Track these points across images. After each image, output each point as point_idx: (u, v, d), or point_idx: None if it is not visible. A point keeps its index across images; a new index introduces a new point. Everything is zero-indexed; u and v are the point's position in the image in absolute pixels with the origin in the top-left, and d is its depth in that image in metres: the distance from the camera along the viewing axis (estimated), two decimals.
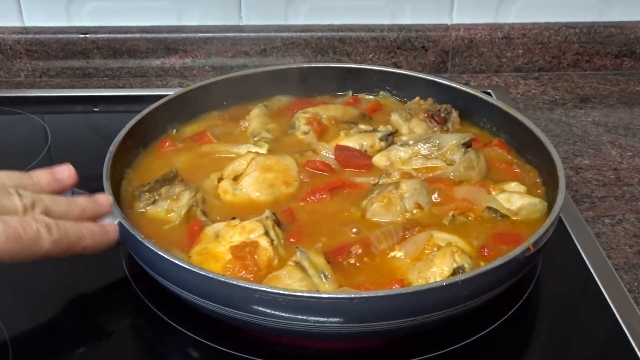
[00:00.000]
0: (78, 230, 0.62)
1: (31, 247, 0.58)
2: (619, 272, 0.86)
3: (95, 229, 0.65)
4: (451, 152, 0.92)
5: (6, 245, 0.56)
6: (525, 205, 0.84)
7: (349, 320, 0.66)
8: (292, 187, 0.88)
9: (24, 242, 0.57)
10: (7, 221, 0.56)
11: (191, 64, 1.36)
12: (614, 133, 1.19)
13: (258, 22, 1.36)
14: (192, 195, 0.83)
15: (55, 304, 0.80)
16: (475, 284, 0.68)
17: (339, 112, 1.04)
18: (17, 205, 0.59)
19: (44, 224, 0.59)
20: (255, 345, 0.74)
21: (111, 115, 1.26)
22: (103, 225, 0.66)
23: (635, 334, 0.76)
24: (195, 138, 1.00)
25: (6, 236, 0.56)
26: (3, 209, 0.58)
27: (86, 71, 1.36)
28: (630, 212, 0.99)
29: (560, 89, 1.35)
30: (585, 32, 1.38)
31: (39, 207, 0.61)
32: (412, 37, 1.36)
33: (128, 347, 0.77)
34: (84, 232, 0.63)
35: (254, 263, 0.74)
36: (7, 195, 0.59)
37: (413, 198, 0.84)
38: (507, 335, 0.77)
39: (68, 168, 0.69)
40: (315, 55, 1.36)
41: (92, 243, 0.64)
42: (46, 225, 0.59)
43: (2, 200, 0.59)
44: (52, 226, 0.59)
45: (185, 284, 0.70)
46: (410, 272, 0.74)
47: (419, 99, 1.07)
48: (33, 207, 0.60)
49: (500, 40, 1.38)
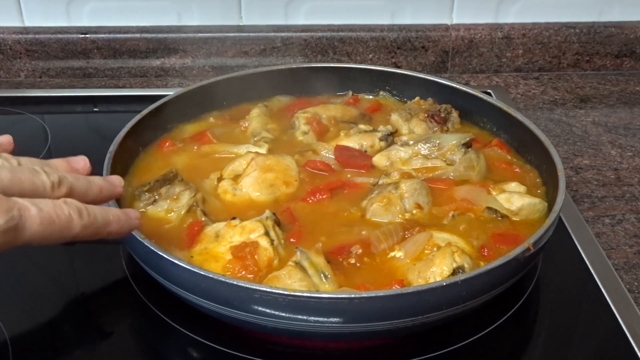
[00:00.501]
0: (106, 216, 0.63)
1: (62, 231, 0.59)
2: (619, 272, 0.86)
3: (121, 215, 0.66)
4: (451, 152, 0.92)
5: (40, 229, 0.57)
6: (525, 206, 0.84)
7: (349, 320, 0.66)
8: (292, 187, 0.88)
9: (56, 226, 0.58)
10: (41, 206, 0.57)
11: (191, 64, 1.36)
12: (614, 133, 1.19)
13: (258, 22, 1.36)
14: (192, 195, 0.83)
15: (55, 304, 0.80)
16: (475, 284, 0.68)
17: (339, 112, 1.04)
18: (46, 183, 0.61)
19: (75, 209, 0.60)
20: (255, 345, 0.74)
21: (111, 115, 1.26)
22: (126, 211, 0.67)
23: (635, 334, 0.76)
24: (195, 138, 1.00)
25: (40, 220, 0.57)
26: (34, 187, 0.60)
27: (86, 71, 1.36)
28: (630, 212, 0.99)
29: (560, 89, 1.35)
30: (585, 32, 1.38)
31: (65, 185, 0.62)
32: (412, 37, 1.36)
33: (128, 347, 0.77)
34: (111, 217, 0.64)
35: (254, 263, 0.74)
36: (35, 173, 0.60)
37: (413, 198, 0.84)
38: (507, 335, 0.77)
39: (84, 159, 0.70)
40: (315, 55, 1.36)
41: (117, 229, 0.65)
42: (77, 210, 0.60)
43: (32, 179, 0.60)
44: (83, 211, 0.60)
45: (185, 284, 0.70)
46: (410, 272, 0.74)
47: (419, 99, 1.07)
48: (60, 184, 0.62)
49: (500, 40, 1.38)
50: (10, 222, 0.54)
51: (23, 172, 0.60)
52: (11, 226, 0.55)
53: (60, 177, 0.62)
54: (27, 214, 0.56)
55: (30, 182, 0.60)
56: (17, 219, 0.55)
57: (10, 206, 0.55)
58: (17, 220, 0.55)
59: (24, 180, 0.59)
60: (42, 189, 0.60)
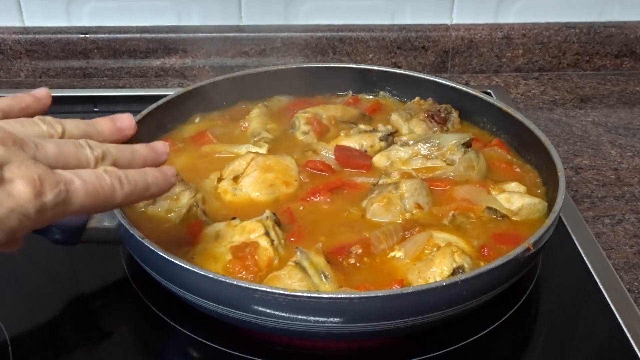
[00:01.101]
0: (145, 180, 0.63)
1: (106, 201, 0.59)
2: (619, 272, 0.86)
3: (159, 175, 0.65)
4: (451, 152, 0.92)
5: (85, 201, 0.57)
6: (525, 205, 0.84)
7: (349, 320, 0.66)
8: (292, 187, 0.88)
9: (100, 198, 0.58)
10: (85, 178, 0.57)
11: (191, 64, 1.36)
12: (614, 133, 1.19)
13: (258, 22, 1.36)
14: (192, 195, 0.83)
15: (55, 304, 0.80)
16: (475, 284, 0.68)
17: (339, 112, 1.04)
18: (90, 158, 0.61)
19: (117, 178, 0.60)
20: (255, 345, 0.74)
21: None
22: (163, 170, 0.66)
23: (635, 334, 0.76)
24: (195, 138, 0.99)
25: (86, 192, 0.57)
26: (78, 162, 0.60)
27: (86, 71, 1.36)
28: (630, 212, 0.99)
29: (560, 89, 1.35)
30: (585, 32, 1.38)
31: (108, 159, 0.62)
32: (412, 37, 1.36)
33: (128, 347, 0.77)
34: (149, 180, 0.63)
35: (254, 263, 0.74)
36: (80, 148, 0.60)
37: (413, 198, 0.84)
38: (507, 335, 0.77)
39: (129, 118, 0.70)
40: (315, 55, 1.36)
41: (157, 190, 0.65)
42: (119, 179, 0.60)
43: (77, 153, 0.60)
44: (124, 179, 0.60)
45: (185, 284, 0.70)
46: (410, 272, 0.74)
47: (419, 99, 1.07)
48: (103, 158, 0.62)
49: (500, 40, 1.38)
50: (59, 197, 0.54)
51: (68, 146, 0.60)
52: (60, 200, 0.54)
53: (104, 151, 0.62)
54: (72, 188, 0.56)
55: (75, 157, 0.59)
56: (64, 194, 0.55)
57: (57, 180, 0.55)
58: (65, 194, 0.55)
59: (68, 154, 0.59)
60: (85, 164, 0.60)
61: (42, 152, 0.57)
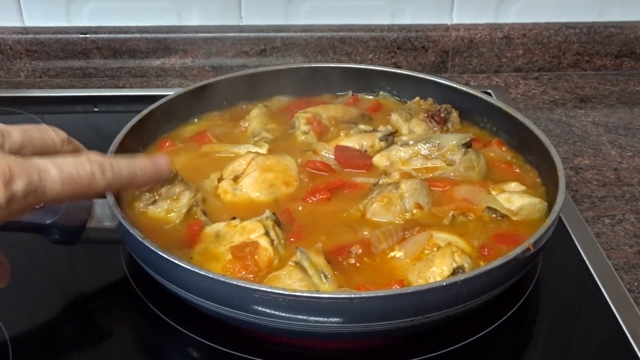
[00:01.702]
0: (132, 169, 0.62)
1: (86, 189, 0.58)
2: (619, 272, 0.86)
3: (148, 166, 0.64)
4: (451, 152, 0.92)
5: (62, 189, 0.56)
6: (525, 205, 0.84)
7: (349, 320, 0.66)
8: (292, 187, 0.88)
9: (78, 185, 0.57)
10: (62, 165, 0.56)
11: (191, 64, 1.36)
12: (614, 133, 1.19)
13: (258, 22, 1.36)
14: (192, 195, 0.83)
15: (55, 304, 0.80)
16: (475, 284, 0.68)
17: (339, 112, 1.04)
18: (55, 140, 0.62)
19: (98, 166, 0.58)
20: (255, 345, 0.74)
21: (111, 115, 1.26)
22: (155, 161, 0.65)
23: (635, 334, 0.76)
24: (195, 138, 0.99)
25: (62, 181, 0.56)
26: (43, 143, 0.61)
27: (86, 71, 1.36)
28: (630, 212, 0.99)
29: (560, 89, 1.35)
30: (585, 32, 1.38)
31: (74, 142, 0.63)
32: (412, 37, 1.36)
33: (128, 347, 0.77)
34: (137, 170, 0.62)
35: (254, 263, 0.74)
36: (44, 131, 0.61)
37: (413, 198, 0.84)
38: (507, 335, 0.77)
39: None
40: (315, 55, 1.36)
41: (144, 180, 0.64)
42: (100, 166, 0.59)
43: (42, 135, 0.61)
44: (107, 167, 0.59)
45: (185, 284, 0.70)
46: (410, 272, 0.74)
47: (419, 99, 1.07)
48: (70, 141, 0.63)
49: (500, 40, 1.38)
50: (29, 186, 0.53)
51: (33, 131, 0.60)
52: (31, 189, 0.54)
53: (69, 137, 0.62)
54: (47, 177, 0.55)
55: (40, 139, 0.60)
56: (36, 183, 0.54)
57: (29, 169, 0.54)
58: (37, 183, 0.54)
59: (34, 138, 0.59)
60: (52, 146, 0.60)
61: (9, 139, 0.57)
